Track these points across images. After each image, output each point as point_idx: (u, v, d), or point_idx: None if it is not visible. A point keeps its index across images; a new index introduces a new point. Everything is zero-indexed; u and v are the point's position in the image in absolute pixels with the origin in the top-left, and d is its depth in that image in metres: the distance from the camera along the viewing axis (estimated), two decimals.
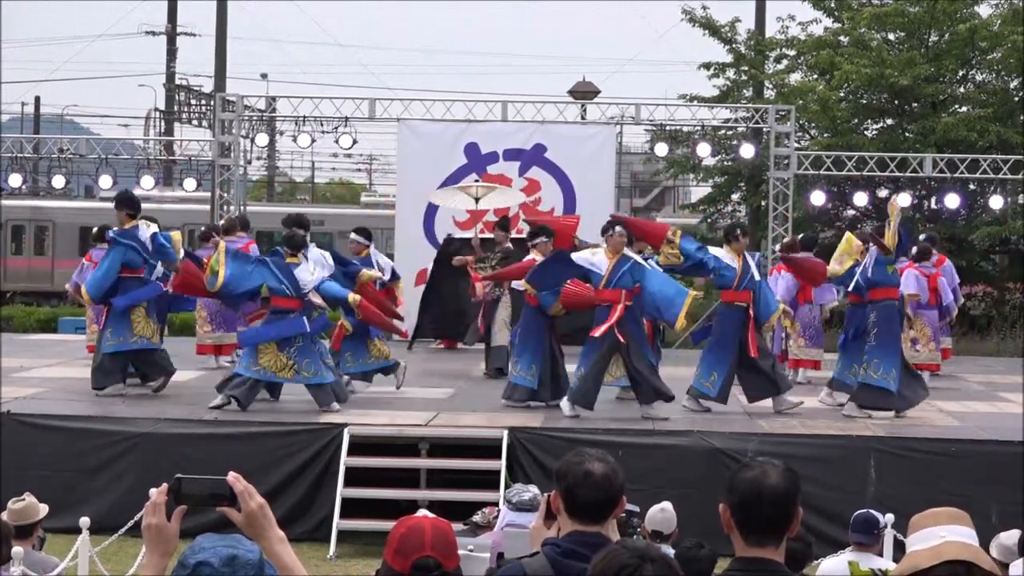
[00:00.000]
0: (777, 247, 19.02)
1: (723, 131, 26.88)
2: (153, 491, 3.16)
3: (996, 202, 23.87)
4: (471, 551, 8.32)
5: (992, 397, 16.15)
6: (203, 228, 18.89)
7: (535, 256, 14.19)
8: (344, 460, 12.46)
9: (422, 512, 5.16)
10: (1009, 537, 7.11)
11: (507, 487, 10.75)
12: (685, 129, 23.87)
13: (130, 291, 14.12)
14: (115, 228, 14.37)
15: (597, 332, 12.97)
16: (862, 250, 13.87)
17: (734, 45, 28.99)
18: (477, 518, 10.38)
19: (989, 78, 28.51)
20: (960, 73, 28.22)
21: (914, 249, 16.73)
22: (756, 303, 13.50)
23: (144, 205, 15.68)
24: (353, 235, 16.05)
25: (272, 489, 11.93)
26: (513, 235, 18.03)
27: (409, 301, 19.11)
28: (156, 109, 45.26)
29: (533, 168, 21.83)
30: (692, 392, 13.75)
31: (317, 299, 13.36)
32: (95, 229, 17.53)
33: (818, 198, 22.98)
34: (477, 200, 19.42)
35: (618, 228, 13.31)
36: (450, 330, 19.50)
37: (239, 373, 13.30)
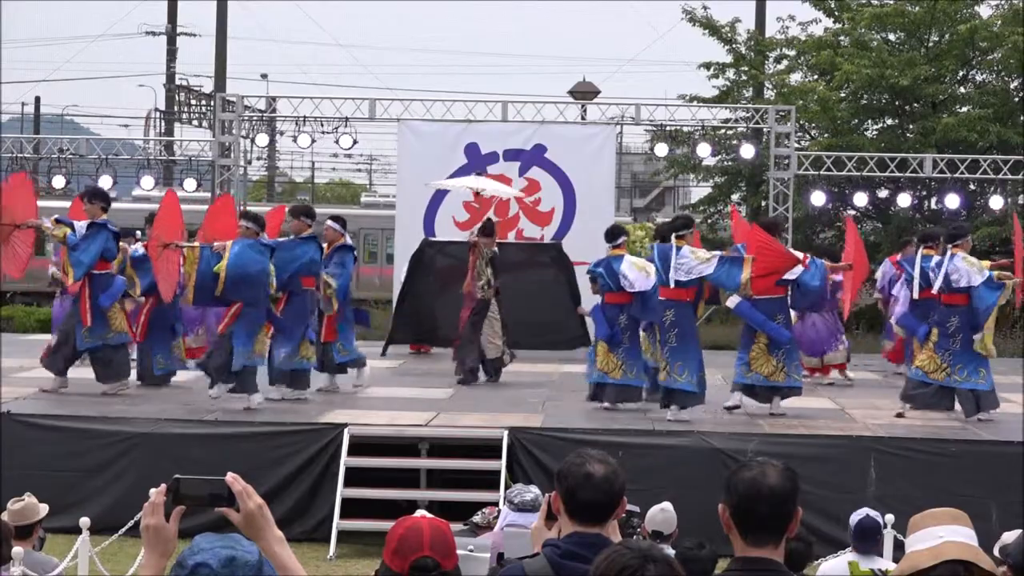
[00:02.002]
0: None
1: (723, 131, 26.87)
2: (152, 491, 3.16)
3: (996, 202, 23.88)
4: (471, 551, 8.30)
5: None
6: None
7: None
8: (344, 460, 12.44)
9: (420, 512, 5.15)
10: (1011, 537, 7.10)
11: (508, 487, 10.74)
12: (685, 129, 23.85)
13: (109, 288, 14.22)
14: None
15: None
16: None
17: (734, 45, 29.00)
18: (477, 518, 10.35)
19: (989, 78, 28.53)
20: (960, 73, 28.24)
21: None
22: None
23: (144, 205, 15.66)
24: (329, 222, 15.55)
25: (272, 489, 11.92)
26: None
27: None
28: (156, 109, 45.22)
29: (533, 168, 21.80)
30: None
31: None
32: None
33: (818, 198, 22.98)
34: (478, 194, 19.39)
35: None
36: (424, 335, 19.23)
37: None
